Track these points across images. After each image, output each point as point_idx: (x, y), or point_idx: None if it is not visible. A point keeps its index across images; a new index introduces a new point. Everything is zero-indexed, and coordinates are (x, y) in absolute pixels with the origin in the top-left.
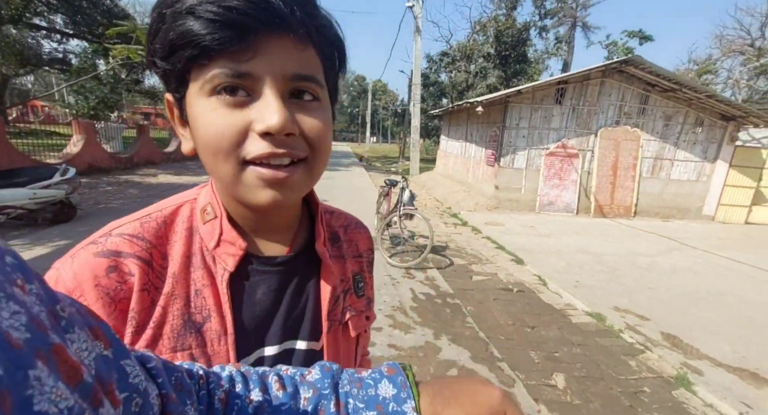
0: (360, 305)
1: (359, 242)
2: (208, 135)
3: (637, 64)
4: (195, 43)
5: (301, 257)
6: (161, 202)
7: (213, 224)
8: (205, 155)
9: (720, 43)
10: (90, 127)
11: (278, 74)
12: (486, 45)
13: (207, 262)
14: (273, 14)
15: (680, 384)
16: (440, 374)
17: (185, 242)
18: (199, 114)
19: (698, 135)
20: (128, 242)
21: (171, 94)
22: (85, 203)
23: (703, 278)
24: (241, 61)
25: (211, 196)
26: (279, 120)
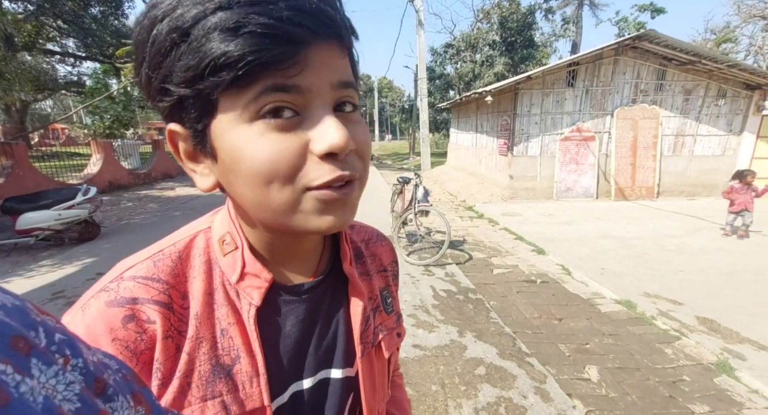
0: (390, 322)
1: (383, 256)
2: (259, 163)
3: (651, 39)
4: (240, 63)
5: (328, 280)
6: (173, 236)
7: (234, 255)
8: (254, 187)
9: (738, 9)
10: (107, 146)
11: (326, 84)
12: (491, 33)
13: (231, 297)
14: (324, 22)
15: (722, 370)
16: (467, 372)
17: (205, 277)
18: (241, 143)
19: (721, 107)
20: (143, 287)
21: (181, 125)
22: (108, 220)
23: (736, 257)
24: (288, 77)
25: (230, 224)
26: (342, 137)
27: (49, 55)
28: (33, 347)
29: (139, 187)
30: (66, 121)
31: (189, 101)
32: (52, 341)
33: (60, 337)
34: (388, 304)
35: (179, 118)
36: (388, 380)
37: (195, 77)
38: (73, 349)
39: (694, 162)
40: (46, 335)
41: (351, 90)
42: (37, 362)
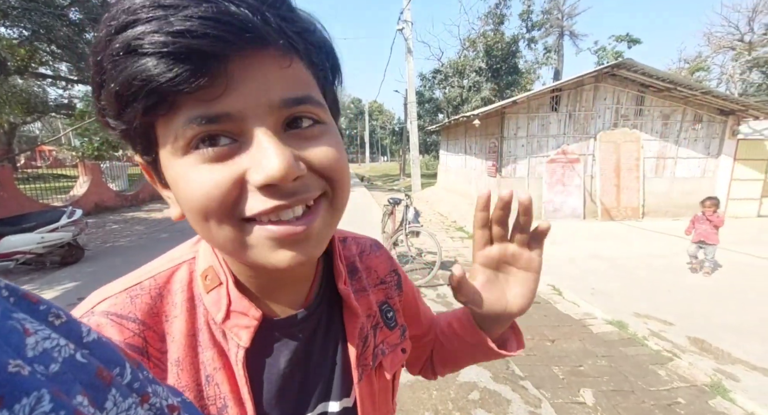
0: (394, 337)
1: (378, 268)
2: (193, 199)
3: (629, 67)
4: (147, 90)
5: (322, 306)
6: (153, 265)
7: (218, 292)
8: (195, 223)
9: (709, 40)
10: (95, 168)
11: (263, 105)
12: (477, 60)
13: (216, 338)
14: (240, 28)
15: (716, 392)
16: (461, 397)
17: (187, 316)
18: (178, 177)
19: (698, 131)
20: (116, 326)
21: (140, 156)
22: (92, 243)
23: (722, 276)
24: (211, 100)
25: (212, 256)
26: (280, 165)
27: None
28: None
29: (126, 209)
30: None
31: (131, 133)
32: (136, 378)
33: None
34: (389, 318)
35: (136, 149)
36: (393, 397)
37: (116, 111)
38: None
39: (676, 183)
40: (131, 372)
41: (304, 106)
42: (115, 394)
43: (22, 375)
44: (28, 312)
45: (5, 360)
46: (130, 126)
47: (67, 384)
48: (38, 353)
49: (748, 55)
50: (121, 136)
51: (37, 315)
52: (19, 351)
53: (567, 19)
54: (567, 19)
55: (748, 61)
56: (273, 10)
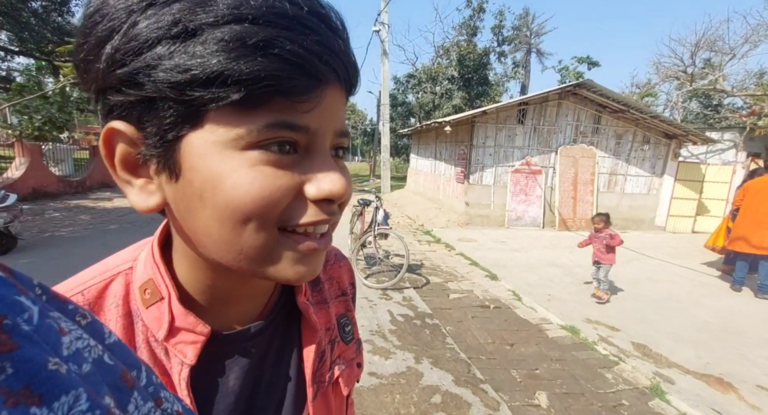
0: (350, 352)
1: (341, 278)
2: (243, 197)
3: (589, 87)
4: (255, 85)
5: (278, 319)
6: (84, 277)
7: (159, 307)
8: (225, 223)
9: (657, 69)
10: (35, 149)
11: (330, 129)
12: (450, 68)
13: (158, 356)
14: (345, 66)
15: (655, 394)
16: (423, 401)
17: (123, 334)
18: (225, 170)
19: (646, 152)
20: None
21: (133, 126)
22: (27, 232)
23: (662, 287)
24: (302, 112)
25: (153, 267)
26: (344, 186)
27: None
28: (137, 381)
29: (70, 197)
30: None
31: (167, 104)
32: (151, 382)
33: (157, 380)
34: (346, 332)
35: (134, 117)
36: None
37: (187, 82)
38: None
39: (625, 199)
40: (146, 376)
41: (346, 138)
42: (137, 397)
43: (61, 373)
44: (60, 311)
45: (45, 358)
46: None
47: (96, 385)
48: (72, 352)
49: (689, 85)
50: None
51: (68, 314)
52: (56, 349)
53: (535, 37)
54: (535, 38)
55: (689, 91)
56: (351, 57)
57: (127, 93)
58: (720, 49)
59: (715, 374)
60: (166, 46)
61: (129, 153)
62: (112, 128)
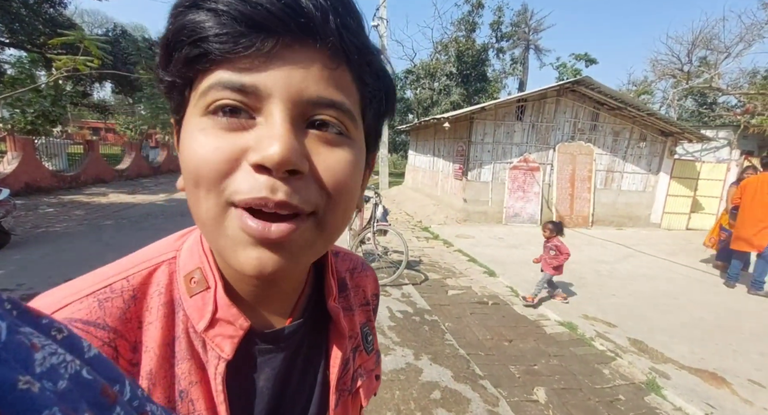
0: (370, 363)
1: (366, 287)
2: (190, 159)
3: (587, 85)
4: (193, 39)
5: (308, 322)
6: (126, 264)
7: (203, 297)
8: (188, 187)
9: (654, 67)
10: (28, 143)
11: (294, 93)
12: (448, 64)
13: (195, 348)
14: (297, 13)
15: (651, 389)
16: (423, 397)
17: (164, 323)
18: (187, 136)
19: (643, 149)
20: (82, 335)
21: (172, 115)
22: (20, 228)
23: (657, 283)
24: (246, 69)
25: (201, 256)
26: (280, 149)
27: None
28: (119, 397)
29: (64, 192)
30: None
31: (170, 87)
32: (135, 396)
33: (142, 393)
34: (368, 342)
35: (171, 108)
36: None
37: (165, 60)
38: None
39: (621, 196)
40: (130, 390)
41: (334, 110)
42: (120, 411)
43: (33, 392)
44: (32, 326)
45: (15, 377)
46: (172, 77)
47: (74, 402)
48: (46, 368)
49: (685, 83)
50: (164, 91)
51: (41, 329)
52: (27, 367)
53: (533, 33)
54: (533, 34)
55: (685, 89)
56: (338, 15)
57: (162, 90)
58: (716, 48)
59: (709, 369)
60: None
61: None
62: (172, 119)
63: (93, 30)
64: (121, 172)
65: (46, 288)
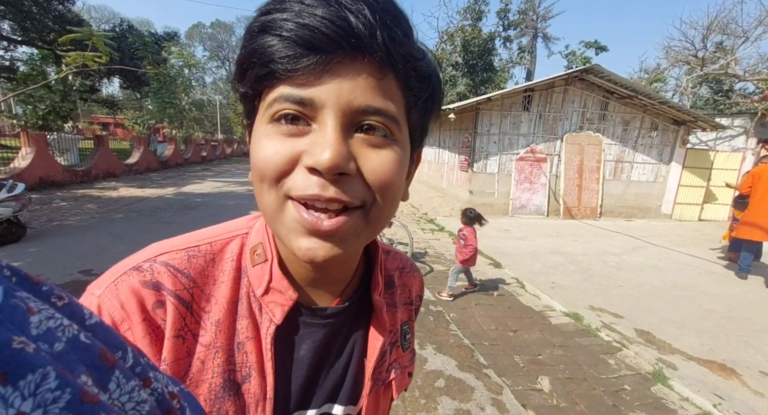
0: (405, 359)
1: (412, 288)
2: (257, 160)
3: (596, 73)
4: (262, 61)
5: (352, 307)
6: (211, 231)
7: (263, 267)
8: (254, 183)
9: (667, 53)
10: (41, 138)
11: (344, 103)
12: (454, 54)
13: (253, 310)
14: (349, 34)
15: (657, 380)
16: (427, 385)
17: (232, 284)
18: (255, 140)
19: (654, 139)
20: (171, 277)
21: (245, 119)
22: (36, 221)
23: (666, 274)
24: (304, 85)
25: (264, 234)
26: (330, 156)
27: None
28: (118, 361)
29: (77, 186)
30: None
31: (244, 96)
32: (138, 363)
33: (146, 361)
34: (406, 340)
35: (244, 112)
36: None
37: (240, 74)
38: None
39: (631, 186)
40: (133, 357)
41: (380, 117)
42: (119, 376)
43: (27, 352)
44: (31, 292)
45: (9, 337)
46: (245, 91)
47: (71, 364)
48: (42, 331)
49: (700, 70)
50: (240, 99)
51: (40, 295)
52: (23, 329)
53: (541, 21)
54: (541, 22)
55: (699, 77)
56: (386, 30)
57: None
58: (732, 32)
59: (718, 360)
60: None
61: None
62: (245, 122)
63: (100, 26)
64: (130, 167)
65: (62, 279)
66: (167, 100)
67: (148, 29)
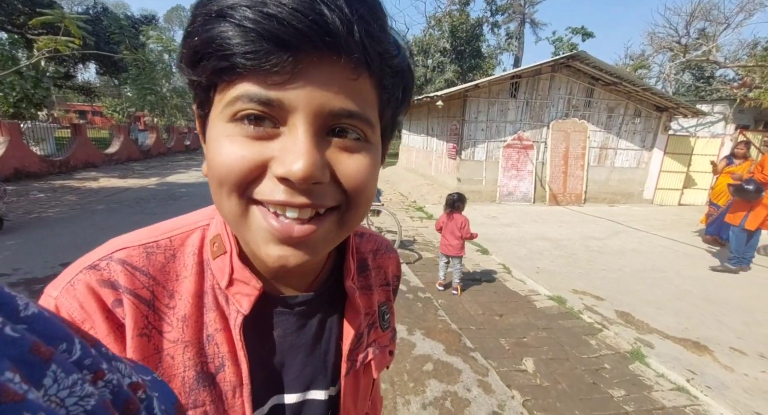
0: (384, 339)
1: (388, 269)
2: (217, 163)
3: (582, 59)
4: (221, 54)
5: (324, 296)
6: (170, 225)
7: (223, 259)
8: (211, 185)
9: (651, 40)
10: (14, 127)
11: (316, 107)
12: (442, 40)
13: (220, 302)
14: (324, 30)
15: (635, 358)
16: (415, 369)
17: (196, 278)
18: (213, 139)
19: (637, 125)
20: (129, 276)
21: (196, 108)
22: (12, 213)
23: (647, 258)
24: (272, 85)
25: (221, 225)
26: (304, 166)
27: None
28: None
29: (54, 177)
30: None
31: (194, 84)
32: (87, 354)
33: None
34: (385, 320)
35: (195, 102)
36: (370, 396)
37: (191, 61)
38: (117, 365)
39: (614, 172)
40: (81, 348)
41: (355, 120)
42: (56, 370)
43: None
44: None
45: None
46: (197, 79)
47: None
48: None
49: (683, 56)
50: (189, 84)
51: None
52: None
53: (529, 6)
54: (529, 7)
55: (682, 63)
56: (363, 25)
57: (185, 80)
58: (715, 19)
59: (692, 338)
60: (187, 36)
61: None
62: (195, 110)
63: (72, 8)
64: (110, 156)
65: (43, 273)
66: (147, 87)
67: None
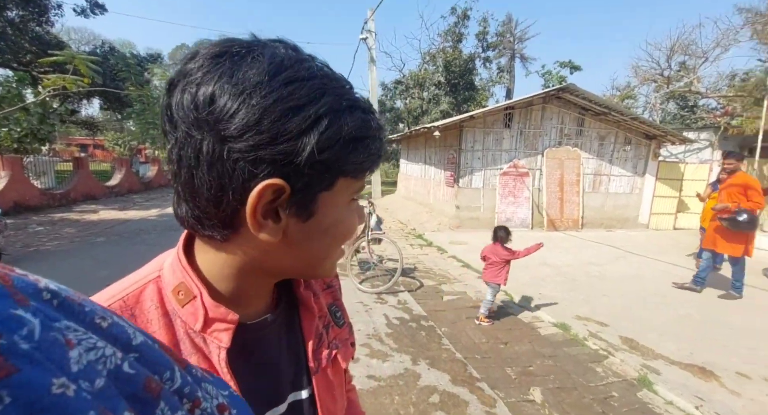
0: (343, 334)
1: None
2: (347, 226)
3: (572, 91)
4: (360, 169)
5: (284, 308)
6: (118, 286)
7: (194, 304)
8: (339, 243)
9: (636, 72)
10: (16, 161)
11: None
12: (436, 74)
13: (198, 345)
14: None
15: (643, 385)
16: (421, 401)
17: (166, 330)
18: (346, 215)
19: (628, 152)
20: None
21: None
22: (11, 247)
23: (647, 283)
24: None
25: (182, 273)
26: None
27: None
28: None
29: (54, 210)
30: None
31: (322, 173)
32: (186, 382)
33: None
34: (338, 317)
35: (291, 176)
36: (343, 390)
37: (326, 150)
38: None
39: (609, 198)
40: (181, 375)
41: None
42: (164, 407)
43: (68, 396)
44: (71, 316)
45: (48, 380)
46: (320, 168)
47: (112, 400)
48: (82, 366)
49: (666, 87)
50: (306, 159)
51: (82, 318)
52: (62, 367)
53: (518, 42)
54: (518, 43)
55: (667, 93)
56: None
57: (300, 157)
58: (693, 53)
59: (698, 363)
60: (348, 144)
61: (271, 202)
62: (272, 183)
63: (80, 47)
64: (111, 189)
65: None
66: (150, 121)
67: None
